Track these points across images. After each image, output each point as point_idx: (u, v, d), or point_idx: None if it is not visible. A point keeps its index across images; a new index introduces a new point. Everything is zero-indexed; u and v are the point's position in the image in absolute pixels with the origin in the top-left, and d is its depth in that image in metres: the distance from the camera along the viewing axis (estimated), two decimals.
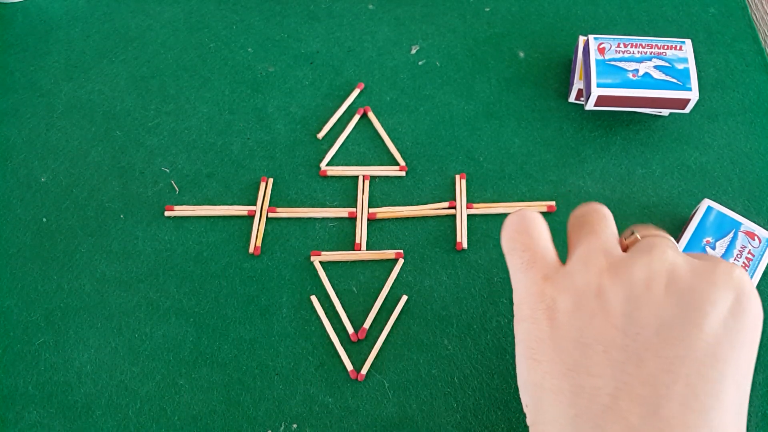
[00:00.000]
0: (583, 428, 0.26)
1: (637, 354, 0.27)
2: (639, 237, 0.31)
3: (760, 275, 0.43)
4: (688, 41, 0.49)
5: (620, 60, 0.48)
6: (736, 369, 0.27)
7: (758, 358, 0.28)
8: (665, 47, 0.48)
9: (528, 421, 0.29)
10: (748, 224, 0.44)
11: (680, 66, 0.48)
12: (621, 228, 0.33)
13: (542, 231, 0.31)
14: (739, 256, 0.43)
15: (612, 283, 0.28)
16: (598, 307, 0.28)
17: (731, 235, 0.43)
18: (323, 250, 0.46)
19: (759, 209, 0.47)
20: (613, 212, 0.47)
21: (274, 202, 0.48)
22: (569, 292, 0.29)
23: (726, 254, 0.43)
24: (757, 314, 0.28)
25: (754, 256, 0.43)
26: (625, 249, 0.30)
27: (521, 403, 0.30)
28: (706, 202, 0.45)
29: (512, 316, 0.43)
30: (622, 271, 0.28)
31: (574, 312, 0.28)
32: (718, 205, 0.44)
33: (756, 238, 0.43)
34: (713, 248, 0.43)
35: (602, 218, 0.31)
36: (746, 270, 0.42)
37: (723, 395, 0.26)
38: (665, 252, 0.29)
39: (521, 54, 0.55)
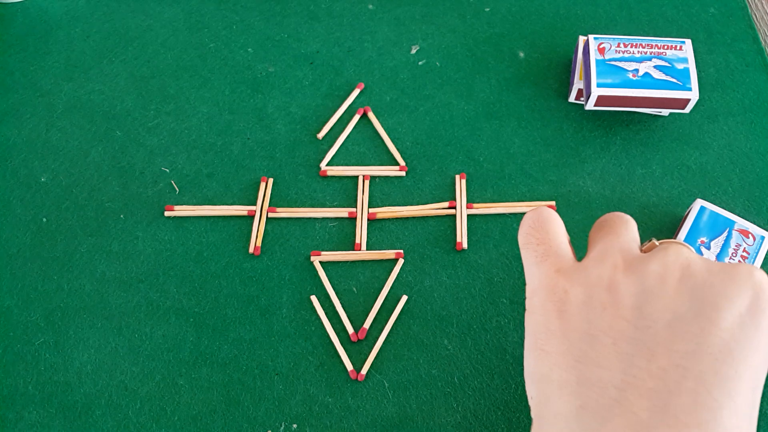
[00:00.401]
0: (588, 421, 0.26)
1: (647, 347, 0.26)
2: (657, 243, 0.30)
3: None
4: (688, 41, 0.49)
5: (620, 60, 0.48)
6: (753, 370, 0.26)
7: None
8: (665, 47, 0.48)
9: (533, 414, 0.29)
10: (741, 222, 0.44)
11: (680, 66, 0.48)
12: (643, 238, 0.33)
13: (558, 228, 0.31)
14: (734, 254, 0.43)
15: (625, 278, 0.28)
16: (609, 300, 0.28)
17: (725, 233, 0.43)
18: (323, 250, 0.46)
19: (759, 209, 0.47)
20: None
21: (274, 202, 0.48)
22: (581, 284, 0.29)
23: (721, 253, 0.43)
24: None
25: (749, 254, 0.43)
26: None
27: (523, 400, 0.30)
28: (699, 202, 0.44)
29: (512, 316, 0.44)
30: (636, 266, 0.28)
31: (584, 304, 0.28)
32: (711, 204, 0.44)
33: (750, 235, 0.43)
34: (708, 248, 0.43)
35: (624, 222, 0.31)
36: None
37: (737, 395, 0.25)
38: (681, 249, 0.29)
39: (521, 54, 0.55)
